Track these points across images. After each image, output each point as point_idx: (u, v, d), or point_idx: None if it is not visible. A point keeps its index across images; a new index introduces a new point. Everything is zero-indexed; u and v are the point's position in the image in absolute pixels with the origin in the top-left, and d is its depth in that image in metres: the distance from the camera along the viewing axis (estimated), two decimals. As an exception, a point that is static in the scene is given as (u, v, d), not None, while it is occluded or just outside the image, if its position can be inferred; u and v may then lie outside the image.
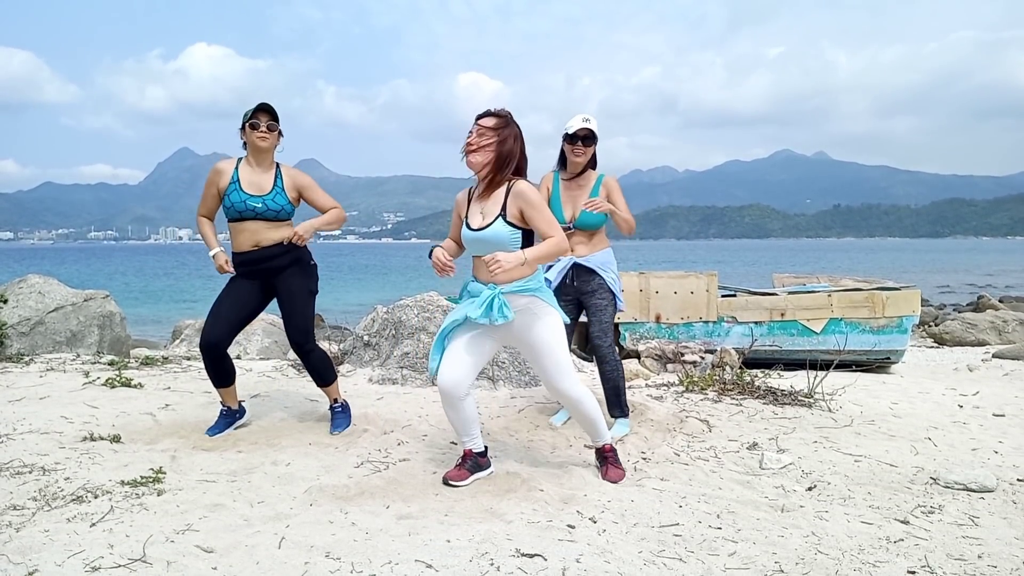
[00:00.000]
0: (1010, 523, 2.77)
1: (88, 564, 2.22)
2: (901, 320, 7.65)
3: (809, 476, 3.28)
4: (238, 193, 3.61)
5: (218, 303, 3.72)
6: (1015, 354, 8.49)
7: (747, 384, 5.03)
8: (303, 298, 3.78)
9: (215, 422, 3.88)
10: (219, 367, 3.76)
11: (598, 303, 3.92)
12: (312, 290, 3.84)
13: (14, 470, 3.05)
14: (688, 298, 7.67)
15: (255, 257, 3.67)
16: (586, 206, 3.83)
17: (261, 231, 3.64)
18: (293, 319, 3.77)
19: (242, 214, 3.62)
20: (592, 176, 3.95)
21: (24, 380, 4.96)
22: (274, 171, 3.72)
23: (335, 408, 4.01)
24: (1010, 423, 4.39)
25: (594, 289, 3.93)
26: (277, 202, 3.65)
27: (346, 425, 3.96)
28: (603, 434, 3.23)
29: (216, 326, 3.67)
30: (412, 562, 2.29)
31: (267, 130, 3.61)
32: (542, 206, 2.96)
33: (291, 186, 3.72)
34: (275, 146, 3.71)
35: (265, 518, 2.64)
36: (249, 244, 3.66)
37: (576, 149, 3.84)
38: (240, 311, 3.73)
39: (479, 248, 3.01)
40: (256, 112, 3.60)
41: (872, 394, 5.19)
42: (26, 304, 6.38)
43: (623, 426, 3.99)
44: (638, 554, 2.40)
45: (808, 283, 9.12)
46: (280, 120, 3.69)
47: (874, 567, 2.35)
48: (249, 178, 3.65)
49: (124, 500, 2.76)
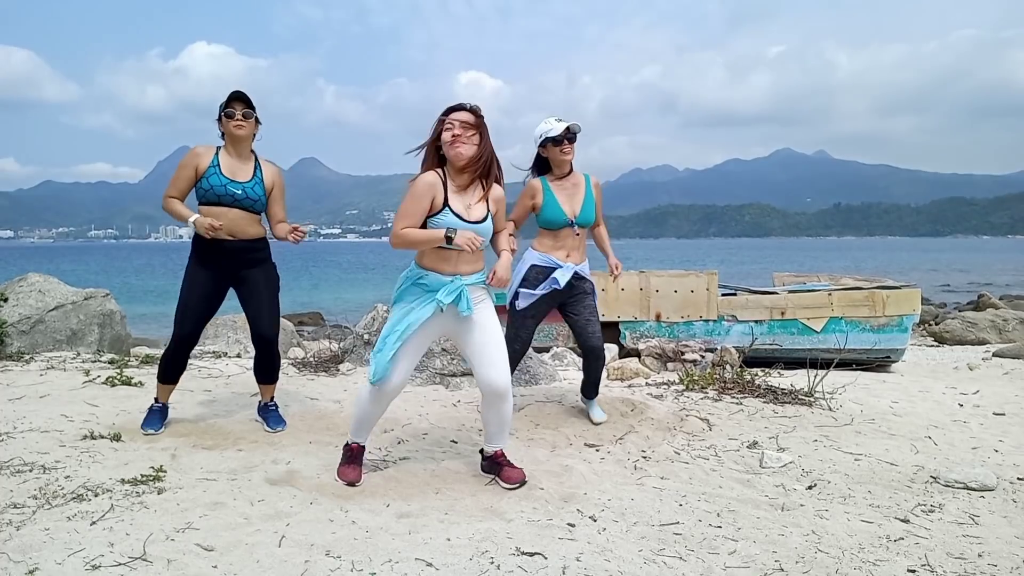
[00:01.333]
0: (1010, 522, 2.77)
1: (88, 562, 2.22)
2: (901, 319, 7.65)
3: (809, 475, 3.28)
4: (218, 176, 3.59)
5: (186, 297, 3.69)
6: (1015, 353, 8.49)
7: (747, 383, 5.03)
8: (275, 295, 3.79)
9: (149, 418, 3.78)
10: (181, 361, 3.78)
11: (591, 305, 4.02)
12: (278, 287, 3.86)
13: (14, 468, 3.05)
14: (688, 297, 7.67)
15: (231, 247, 3.64)
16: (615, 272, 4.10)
17: (236, 220, 3.62)
18: (266, 312, 3.75)
19: (220, 198, 3.59)
20: (579, 176, 3.98)
21: (24, 378, 4.96)
22: (253, 162, 3.71)
23: (271, 407, 3.99)
24: (1010, 422, 4.39)
25: (587, 291, 4.01)
26: (256, 192, 3.65)
27: (284, 424, 3.94)
28: (506, 437, 3.22)
29: (190, 319, 3.67)
30: (412, 560, 2.29)
31: (243, 118, 3.59)
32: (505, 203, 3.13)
33: (269, 180, 3.73)
34: (252, 135, 3.69)
35: (265, 516, 2.64)
36: (225, 232, 3.59)
37: (564, 148, 3.84)
38: (208, 305, 3.72)
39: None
40: (230, 101, 3.58)
41: (872, 393, 5.19)
42: (26, 302, 6.38)
43: (599, 410, 4.28)
44: (638, 553, 2.40)
45: (808, 282, 9.12)
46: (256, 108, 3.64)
47: (874, 566, 2.35)
48: (229, 165, 3.64)
49: (124, 498, 2.76)
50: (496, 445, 3.19)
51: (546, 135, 3.83)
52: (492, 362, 2.99)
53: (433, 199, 2.95)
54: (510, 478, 3.09)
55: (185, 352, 3.76)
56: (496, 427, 3.14)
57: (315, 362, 5.90)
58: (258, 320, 3.75)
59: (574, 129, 3.82)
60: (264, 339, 3.78)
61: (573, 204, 3.91)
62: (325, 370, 5.64)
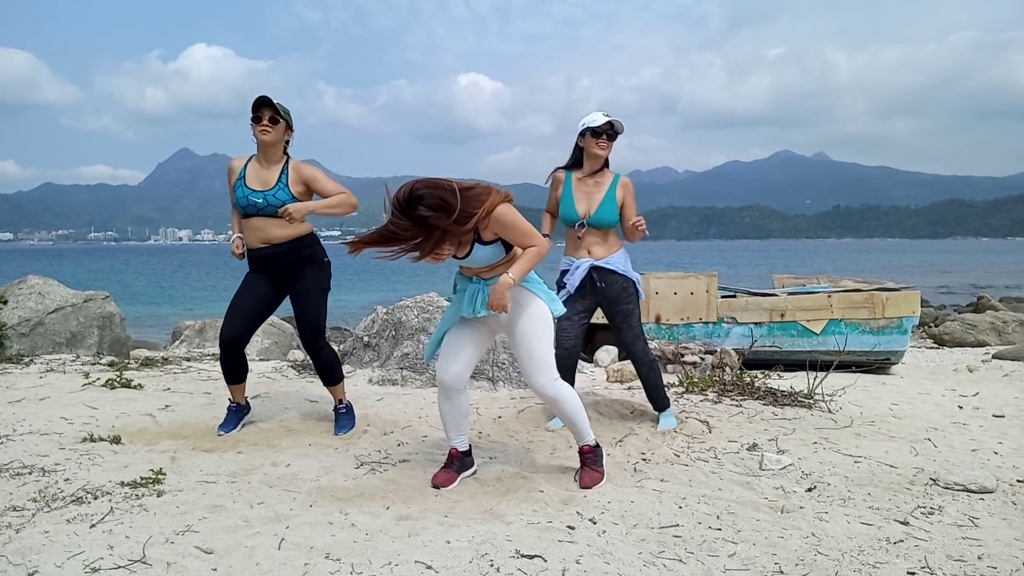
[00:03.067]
0: (1010, 524, 2.77)
1: (88, 565, 2.21)
2: (901, 321, 7.65)
3: (809, 477, 3.28)
4: (242, 189, 3.62)
5: (236, 300, 3.74)
6: (1015, 355, 8.49)
7: (747, 385, 5.03)
8: (315, 295, 3.77)
9: (225, 419, 3.88)
10: (235, 363, 3.79)
11: (626, 308, 3.89)
12: (324, 287, 3.82)
13: (14, 471, 3.05)
14: (688, 299, 7.67)
15: (266, 254, 3.67)
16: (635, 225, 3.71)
17: (268, 227, 3.63)
18: (305, 316, 3.77)
19: (246, 210, 3.62)
20: (608, 175, 3.88)
21: (24, 381, 4.96)
22: (281, 166, 3.69)
23: (339, 409, 4.00)
24: (1010, 424, 4.39)
25: (618, 293, 3.88)
26: (279, 197, 3.60)
27: (351, 427, 3.96)
28: (584, 434, 3.15)
29: (234, 323, 3.69)
30: (412, 563, 2.29)
31: (269, 123, 3.59)
32: (517, 222, 2.79)
33: (296, 180, 3.66)
34: (282, 139, 3.68)
35: (265, 519, 2.64)
36: (258, 241, 3.65)
37: (600, 143, 3.79)
38: (256, 308, 3.73)
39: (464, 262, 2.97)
40: (256, 107, 3.60)
41: (872, 395, 5.19)
42: (26, 305, 6.38)
43: (670, 417, 4.12)
44: (638, 555, 2.40)
45: (808, 284, 9.12)
46: (290, 114, 3.67)
47: (874, 568, 2.35)
48: (256, 174, 3.65)
49: (124, 501, 2.76)
50: (579, 441, 3.20)
51: (588, 124, 3.80)
52: (525, 372, 3.00)
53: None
54: (581, 480, 3.11)
55: (232, 354, 3.76)
56: (567, 426, 3.17)
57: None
58: (298, 323, 3.83)
59: (617, 127, 3.78)
60: (303, 341, 3.84)
61: (590, 203, 3.83)
62: (325, 372, 5.64)
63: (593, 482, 3.09)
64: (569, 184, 3.90)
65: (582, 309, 3.96)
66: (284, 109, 3.65)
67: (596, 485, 3.08)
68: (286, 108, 3.66)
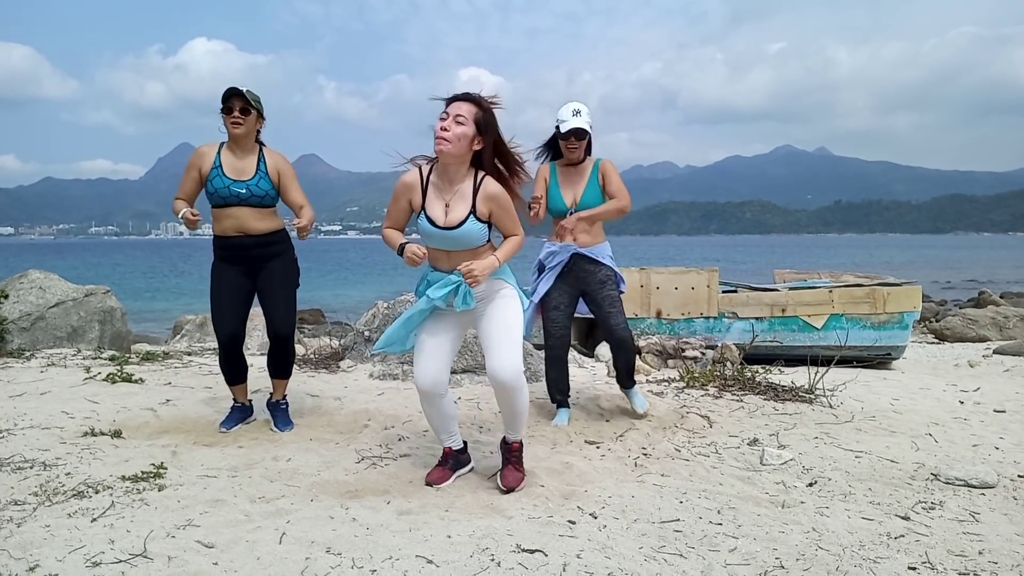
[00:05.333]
0: (1011, 519, 2.77)
1: (89, 559, 2.22)
2: (902, 316, 7.64)
3: (810, 472, 3.28)
4: (221, 179, 3.56)
5: (218, 298, 3.66)
6: (1016, 350, 8.49)
7: (748, 380, 5.03)
8: (289, 291, 3.76)
9: (228, 416, 3.86)
10: (235, 362, 3.76)
11: (611, 295, 3.95)
12: (296, 283, 3.82)
13: (15, 465, 3.06)
14: (689, 294, 7.66)
15: (240, 244, 3.63)
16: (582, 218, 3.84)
17: (246, 218, 3.60)
18: (281, 310, 3.71)
19: (226, 200, 3.57)
20: (590, 162, 3.96)
21: (25, 375, 4.96)
22: (256, 154, 3.65)
23: (282, 405, 3.93)
24: (1011, 419, 4.39)
25: (603, 280, 3.95)
26: (261, 187, 3.59)
27: (291, 425, 3.87)
28: (521, 429, 3.06)
29: (227, 321, 3.65)
30: (413, 557, 2.29)
31: (240, 114, 3.54)
32: (511, 207, 2.92)
33: (274, 170, 3.65)
34: (254, 130, 3.64)
35: (266, 513, 2.64)
36: (233, 230, 3.61)
37: (570, 144, 3.84)
38: (240, 302, 3.70)
39: (442, 243, 2.91)
40: (226, 98, 3.53)
41: (873, 390, 5.19)
42: (27, 299, 6.38)
43: (642, 397, 4.20)
44: (639, 550, 2.40)
45: (809, 279, 9.11)
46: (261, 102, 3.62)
47: (875, 563, 2.35)
48: (231, 163, 3.60)
49: (125, 495, 2.76)
50: (510, 435, 3.08)
51: (557, 123, 3.85)
52: (495, 352, 2.86)
53: (411, 200, 2.94)
54: (505, 479, 3.00)
55: (232, 353, 3.72)
56: (507, 417, 3.02)
57: (316, 359, 5.90)
58: (273, 316, 3.72)
59: (577, 135, 3.79)
60: (279, 336, 3.75)
61: (575, 191, 3.91)
62: (326, 367, 5.64)
63: (517, 483, 2.99)
64: (554, 176, 3.97)
65: (568, 299, 4.01)
66: (255, 97, 3.59)
67: (519, 486, 2.99)
68: (256, 96, 3.60)
